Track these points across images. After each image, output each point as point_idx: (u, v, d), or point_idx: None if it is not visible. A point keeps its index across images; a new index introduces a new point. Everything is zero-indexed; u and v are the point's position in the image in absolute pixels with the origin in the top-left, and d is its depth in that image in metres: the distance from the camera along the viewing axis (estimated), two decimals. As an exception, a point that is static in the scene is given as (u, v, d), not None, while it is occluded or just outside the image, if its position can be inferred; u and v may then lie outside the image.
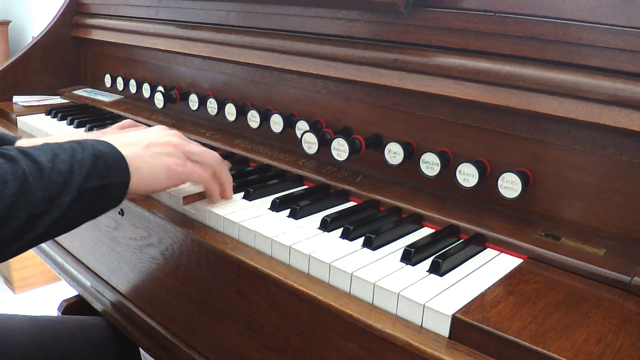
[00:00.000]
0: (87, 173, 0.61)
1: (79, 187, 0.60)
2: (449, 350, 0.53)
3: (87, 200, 0.61)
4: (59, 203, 0.59)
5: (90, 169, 0.61)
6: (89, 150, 0.63)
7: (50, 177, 0.58)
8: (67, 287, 1.24)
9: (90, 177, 0.61)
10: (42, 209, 0.57)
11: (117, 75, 1.39)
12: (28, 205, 0.56)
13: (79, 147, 0.63)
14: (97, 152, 0.63)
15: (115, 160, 0.65)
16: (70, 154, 0.61)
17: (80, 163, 0.61)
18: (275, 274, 0.65)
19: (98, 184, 0.62)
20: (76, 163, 0.61)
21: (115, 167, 0.64)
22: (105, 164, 0.63)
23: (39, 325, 1.01)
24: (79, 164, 0.61)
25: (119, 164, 0.65)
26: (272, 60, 1.01)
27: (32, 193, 0.57)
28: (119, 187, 0.65)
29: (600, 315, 0.56)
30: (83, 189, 0.60)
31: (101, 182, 0.62)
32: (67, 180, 0.59)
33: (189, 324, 0.81)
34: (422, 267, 0.64)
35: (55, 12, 1.53)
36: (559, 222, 0.74)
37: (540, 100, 0.71)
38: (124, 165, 0.65)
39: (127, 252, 0.91)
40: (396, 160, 0.83)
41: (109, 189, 0.63)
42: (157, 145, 0.71)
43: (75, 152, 0.62)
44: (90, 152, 0.62)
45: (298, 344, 0.65)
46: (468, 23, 0.77)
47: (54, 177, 0.58)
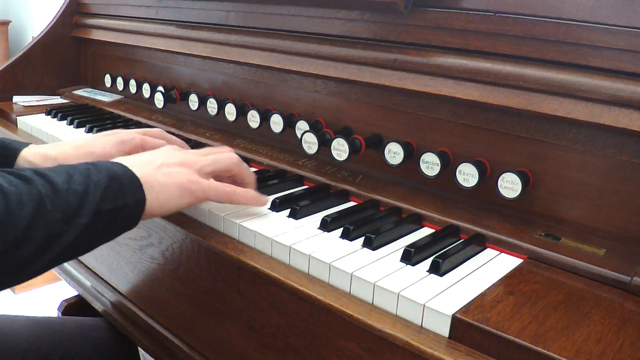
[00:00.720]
0: (102, 194, 0.61)
1: (95, 209, 0.60)
2: (448, 350, 0.53)
3: (102, 222, 0.61)
4: (75, 224, 0.58)
5: (105, 191, 0.61)
6: (104, 172, 0.63)
7: (66, 198, 0.58)
8: (67, 287, 1.24)
9: (105, 198, 0.61)
10: (58, 229, 0.57)
11: (117, 75, 1.39)
12: (45, 225, 0.56)
13: (93, 168, 0.63)
14: (111, 174, 0.63)
15: (129, 182, 0.64)
16: (85, 175, 0.61)
17: (95, 185, 0.61)
18: (275, 274, 0.65)
19: (113, 205, 0.62)
20: (91, 184, 0.61)
21: (129, 188, 0.64)
22: (119, 185, 0.63)
23: (39, 326, 1.01)
24: (94, 186, 0.61)
25: (133, 184, 0.65)
26: (272, 60, 1.01)
27: (48, 214, 0.56)
28: (133, 207, 0.64)
29: (600, 315, 0.56)
30: (99, 210, 0.60)
31: (116, 203, 0.62)
32: (83, 202, 0.59)
33: (189, 324, 0.81)
34: (422, 267, 0.64)
35: (55, 12, 1.53)
36: (559, 222, 0.74)
37: (540, 100, 0.71)
38: (137, 185, 0.65)
39: (127, 252, 0.91)
40: (396, 160, 0.84)
41: (124, 211, 0.63)
42: (170, 164, 0.70)
43: (90, 174, 0.62)
44: (104, 174, 0.63)
45: (298, 344, 0.65)
46: (468, 23, 0.77)
47: (69, 198, 0.59)
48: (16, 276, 0.57)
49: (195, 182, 0.70)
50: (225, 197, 0.72)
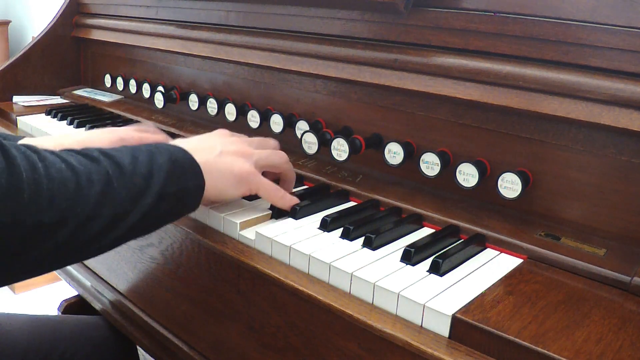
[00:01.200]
0: (166, 177, 0.63)
1: (160, 190, 0.62)
2: (449, 350, 0.53)
3: (166, 203, 0.63)
4: (141, 204, 0.60)
5: (168, 174, 0.63)
6: (166, 155, 0.64)
7: (132, 179, 0.60)
8: (67, 287, 1.24)
9: (169, 181, 0.63)
10: (125, 208, 0.59)
11: (117, 75, 1.39)
12: (113, 203, 0.58)
13: (156, 151, 0.64)
14: (173, 158, 0.65)
15: (190, 166, 0.66)
16: (149, 157, 0.63)
17: (159, 167, 0.63)
18: (275, 274, 0.65)
19: (176, 188, 0.64)
20: (155, 167, 0.62)
21: (191, 172, 0.66)
22: (181, 169, 0.65)
23: (39, 324, 1.01)
24: (158, 168, 0.62)
25: (194, 169, 0.67)
26: (272, 60, 1.01)
27: (116, 192, 0.58)
28: (194, 191, 0.66)
29: (600, 315, 0.56)
30: (163, 193, 0.62)
31: (179, 186, 0.64)
32: (148, 183, 0.61)
33: (189, 323, 0.81)
34: (422, 267, 0.64)
35: (55, 12, 1.53)
36: (559, 222, 0.74)
37: (540, 100, 0.71)
38: (198, 170, 0.67)
39: (127, 252, 0.91)
40: (396, 160, 0.84)
41: (186, 193, 0.65)
42: (229, 153, 0.72)
43: (154, 156, 0.63)
44: (167, 157, 0.64)
45: (298, 344, 0.65)
46: (468, 23, 0.77)
47: (135, 179, 0.60)
48: (84, 252, 0.59)
49: (253, 174, 0.72)
50: (273, 197, 0.75)
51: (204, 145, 0.72)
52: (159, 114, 1.26)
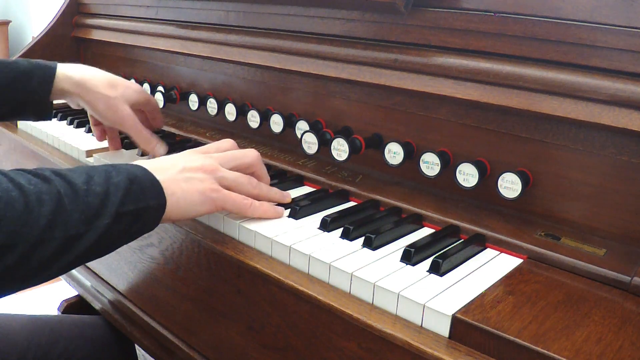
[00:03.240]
0: (123, 196, 0.60)
1: (116, 210, 0.59)
2: (449, 350, 0.53)
3: (123, 223, 0.60)
4: (96, 225, 0.58)
5: (125, 193, 0.60)
6: (124, 173, 0.62)
7: (86, 199, 0.57)
8: (67, 287, 1.24)
9: (126, 200, 0.60)
10: (79, 230, 0.56)
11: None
12: (65, 225, 0.55)
13: (113, 170, 0.62)
14: (131, 176, 0.62)
15: (150, 185, 0.64)
16: (105, 177, 0.61)
17: (116, 186, 0.60)
18: (276, 274, 0.65)
19: (134, 207, 0.61)
20: (111, 186, 0.60)
21: (151, 191, 0.64)
22: (140, 187, 0.62)
23: (38, 324, 1.01)
24: (114, 187, 0.60)
25: (154, 188, 0.64)
26: (272, 60, 1.01)
27: (68, 213, 0.56)
28: (154, 210, 0.64)
29: (600, 315, 0.56)
30: (120, 212, 0.59)
31: (137, 205, 0.61)
32: (104, 203, 0.59)
33: (189, 323, 0.81)
34: (422, 267, 0.64)
35: (55, 12, 1.53)
36: (559, 222, 0.74)
37: (540, 100, 0.71)
38: (159, 189, 0.64)
39: (127, 252, 0.91)
40: (396, 160, 0.84)
41: (145, 213, 0.63)
42: (191, 169, 0.69)
43: (110, 175, 0.61)
44: (124, 176, 0.62)
45: (298, 344, 0.65)
46: (468, 23, 0.77)
47: (89, 199, 0.58)
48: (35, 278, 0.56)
49: (216, 191, 0.69)
50: (241, 209, 0.72)
51: (166, 164, 0.69)
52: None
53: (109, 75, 0.96)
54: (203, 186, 0.68)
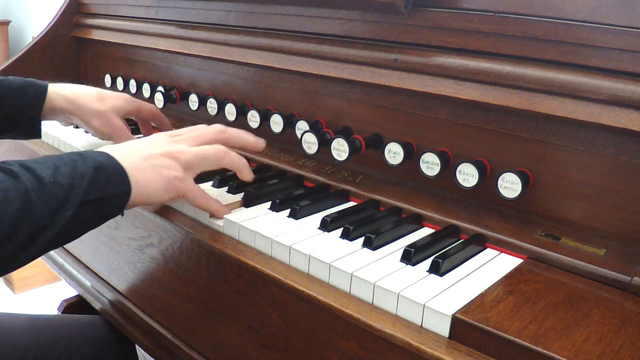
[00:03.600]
0: (88, 186, 0.62)
1: (80, 200, 0.61)
2: (448, 350, 0.53)
3: (88, 212, 0.62)
4: (60, 216, 0.59)
5: (90, 182, 0.62)
6: (90, 162, 0.64)
7: (52, 192, 0.59)
8: (67, 287, 1.24)
9: (91, 189, 0.62)
10: (44, 223, 0.58)
11: (117, 75, 1.39)
12: (31, 220, 0.57)
13: (79, 159, 0.64)
14: (97, 165, 0.64)
15: (115, 173, 0.65)
16: (71, 166, 0.62)
17: (81, 176, 0.62)
18: (276, 274, 0.65)
19: (98, 195, 0.63)
20: (77, 176, 0.61)
21: (115, 178, 0.65)
22: (105, 176, 0.64)
23: (38, 324, 1.01)
24: (79, 177, 0.61)
25: (119, 175, 0.66)
26: (272, 60, 1.01)
27: (34, 208, 0.57)
28: (119, 197, 0.66)
29: (600, 315, 0.56)
30: (84, 202, 0.61)
31: (101, 194, 0.63)
32: (69, 194, 0.60)
33: (189, 323, 0.81)
34: (422, 267, 0.64)
35: (55, 12, 1.53)
36: (559, 222, 0.74)
37: (540, 100, 0.71)
38: (124, 176, 0.66)
39: (127, 252, 0.91)
40: (396, 160, 0.83)
41: (110, 200, 0.64)
42: (156, 156, 0.70)
43: (76, 165, 0.62)
44: (90, 164, 0.63)
45: (298, 344, 0.65)
46: (468, 23, 0.77)
47: (55, 191, 0.59)
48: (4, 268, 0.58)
49: (181, 180, 0.72)
50: (199, 203, 0.74)
51: (131, 150, 0.70)
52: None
53: (97, 90, 1.00)
54: (168, 174, 0.70)
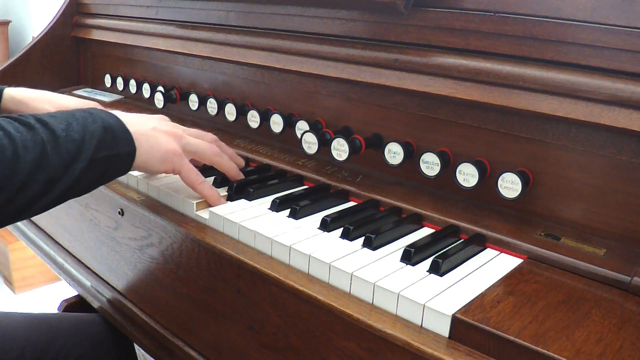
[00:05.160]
0: (98, 143, 0.66)
1: (91, 156, 0.66)
2: (448, 350, 0.53)
3: (97, 168, 0.67)
4: (73, 169, 0.64)
5: (100, 140, 0.67)
6: (99, 122, 0.68)
7: (65, 145, 0.64)
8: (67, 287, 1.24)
9: (100, 147, 0.67)
10: (58, 173, 0.63)
11: (117, 75, 1.39)
12: (46, 169, 0.62)
13: (90, 117, 0.68)
14: (106, 125, 0.69)
15: (122, 134, 0.70)
16: (83, 124, 0.66)
17: (92, 134, 0.66)
18: (275, 274, 0.65)
19: (107, 154, 0.67)
20: (87, 134, 0.66)
21: (122, 139, 0.70)
22: (113, 136, 0.69)
23: (36, 322, 1.01)
24: (90, 135, 0.66)
25: (126, 137, 0.71)
26: (272, 60, 1.01)
27: (49, 159, 0.62)
28: (125, 157, 0.71)
29: (600, 315, 0.56)
30: (94, 158, 0.66)
31: (109, 152, 0.68)
32: (80, 149, 0.65)
33: (189, 323, 0.81)
34: (422, 267, 0.64)
35: (55, 12, 1.53)
36: (559, 222, 0.74)
37: (540, 100, 0.71)
38: (129, 138, 0.71)
39: (127, 252, 0.91)
40: (396, 160, 0.83)
41: (117, 159, 0.69)
42: (160, 130, 0.76)
43: (87, 123, 0.67)
44: (100, 124, 0.68)
45: (298, 344, 0.65)
46: (468, 23, 0.77)
47: (68, 145, 0.64)
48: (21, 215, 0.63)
49: (178, 155, 0.77)
50: (192, 182, 0.78)
51: (139, 119, 0.75)
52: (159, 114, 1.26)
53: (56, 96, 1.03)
54: (167, 146, 0.75)
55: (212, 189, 0.80)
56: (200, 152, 0.80)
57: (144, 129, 0.74)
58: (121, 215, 0.90)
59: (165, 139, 0.76)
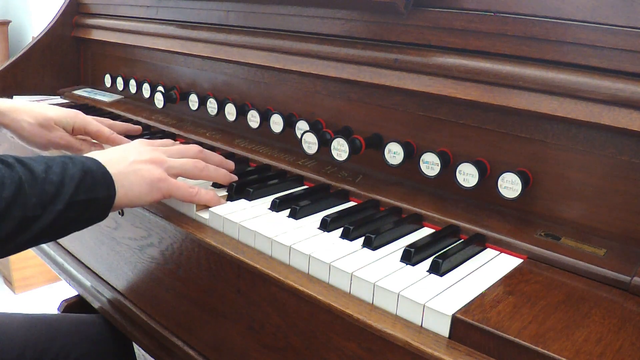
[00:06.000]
0: (76, 186, 0.66)
1: (69, 199, 0.65)
2: (449, 350, 0.53)
3: (74, 211, 0.66)
4: (50, 210, 0.64)
5: (79, 183, 0.66)
6: (79, 165, 0.68)
7: (44, 186, 0.64)
8: (67, 287, 1.24)
9: (79, 190, 0.66)
10: (35, 213, 0.63)
11: (117, 75, 1.39)
12: (23, 207, 0.62)
13: (70, 162, 0.68)
14: (86, 168, 0.68)
15: (101, 177, 0.70)
16: (62, 167, 0.66)
17: (71, 177, 0.66)
18: (275, 274, 0.65)
19: (85, 197, 0.67)
20: (67, 176, 0.66)
21: (102, 183, 0.70)
22: (92, 179, 0.68)
23: (36, 322, 1.01)
24: (69, 178, 0.66)
25: (105, 180, 0.70)
26: (272, 60, 1.01)
27: (26, 197, 0.62)
28: (103, 201, 0.70)
29: (600, 315, 0.56)
30: (72, 201, 0.66)
31: (88, 196, 0.67)
32: (59, 191, 0.65)
33: (188, 323, 0.81)
34: (422, 267, 0.64)
35: (55, 12, 1.53)
36: (559, 222, 0.74)
37: (540, 100, 0.71)
38: (109, 181, 0.71)
39: (127, 252, 0.91)
40: (396, 160, 0.83)
41: (95, 203, 0.69)
42: (140, 162, 0.75)
43: (67, 167, 0.67)
44: (79, 168, 0.68)
45: (298, 344, 0.65)
46: (468, 23, 0.77)
47: (46, 187, 0.64)
48: None
49: (164, 180, 0.76)
50: (187, 196, 0.78)
51: (118, 155, 0.75)
52: (159, 114, 1.26)
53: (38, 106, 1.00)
54: (151, 176, 0.75)
55: (208, 193, 0.79)
56: (185, 172, 0.80)
57: (123, 166, 0.73)
58: (121, 215, 0.90)
59: (147, 168, 0.75)
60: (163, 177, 0.76)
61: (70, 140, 0.99)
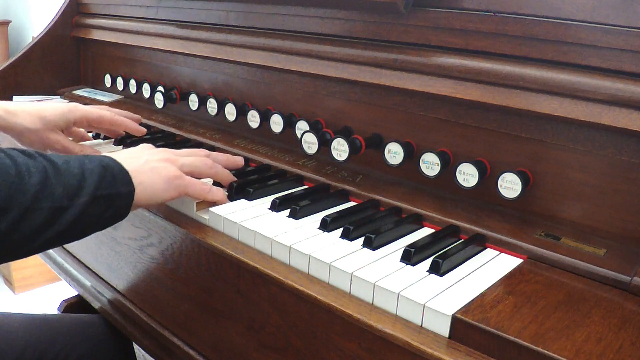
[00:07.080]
0: (98, 181, 0.65)
1: (93, 192, 0.64)
2: (449, 350, 0.53)
3: (99, 206, 0.65)
4: (77, 203, 0.62)
5: (100, 178, 0.65)
6: (96, 161, 0.67)
7: (67, 177, 0.62)
8: (67, 287, 1.24)
9: (101, 184, 0.65)
10: (62, 204, 0.61)
11: (117, 75, 1.39)
12: (51, 197, 0.60)
13: (86, 159, 0.67)
14: (104, 164, 0.67)
15: (120, 173, 0.69)
16: (80, 162, 0.65)
17: (91, 171, 0.65)
18: (275, 274, 0.65)
19: (108, 192, 0.66)
20: (87, 171, 0.65)
21: (121, 178, 0.68)
22: (112, 175, 0.67)
23: (36, 322, 1.01)
24: (89, 172, 0.65)
25: (124, 176, 0.69)
26: (272, 60, 1.01)
27: (52, 186, 0.60)
28: (125, 197, 0.68)
29: (600, 315, 0.56)
30: (96, 195, 0.64)
31: (110, 190, 0.66)
32: (82, 184, 0.63)
33: (188, 323, 0.81)
34: (422, 267, 0.64)
35: (55, 12, 1.53)
36: (559, 222, 0.74)
37: (540, 100, 0.71)
38: (128, 177, 0.69)
39: (127, 252, 0.91)
40: (396, 160, 0.83)
41: (117, 199, 0.67)
42: (155, 161, 0.75)
43: (84, 162, 0.66)
44: (97, 164, 0.67)
45: (298, 344, 0.65)
46: (468, 23, 0.77)
47: (69, 178, 0.63)
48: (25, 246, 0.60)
49: (179, 177, 0.76)
50: (201, 193, 0.78)
51: (132, 155, 0.75)
52: (159, 114, 1.26)
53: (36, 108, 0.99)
54: (167, 174, 0.74)
55: (219, 190, 0.80)
56: (197, 169, 0.80)
57: (139, 164, 0.72)
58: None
59: (163, 166, 0.75)
60: (178, 175, 0.76)
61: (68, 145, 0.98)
